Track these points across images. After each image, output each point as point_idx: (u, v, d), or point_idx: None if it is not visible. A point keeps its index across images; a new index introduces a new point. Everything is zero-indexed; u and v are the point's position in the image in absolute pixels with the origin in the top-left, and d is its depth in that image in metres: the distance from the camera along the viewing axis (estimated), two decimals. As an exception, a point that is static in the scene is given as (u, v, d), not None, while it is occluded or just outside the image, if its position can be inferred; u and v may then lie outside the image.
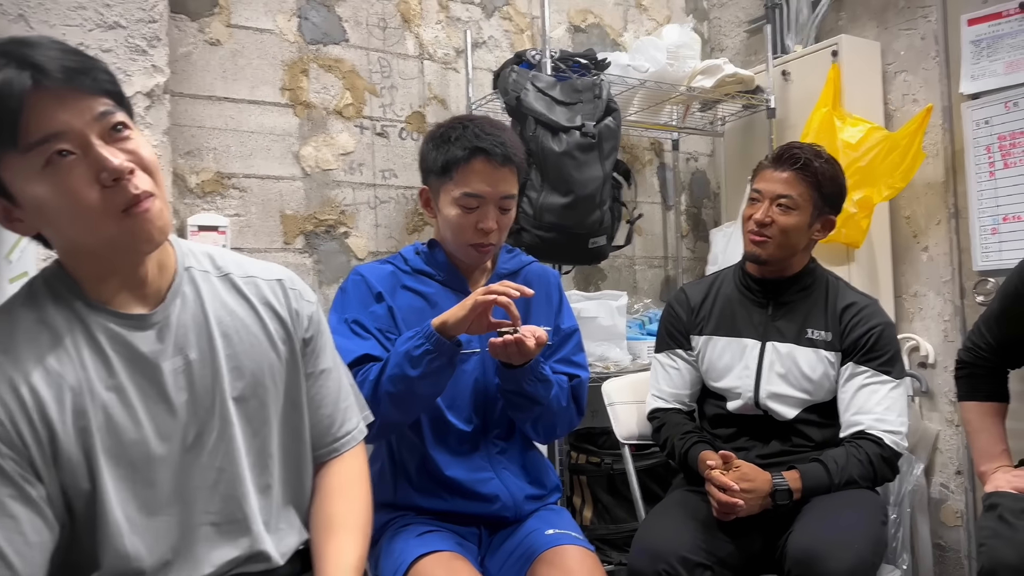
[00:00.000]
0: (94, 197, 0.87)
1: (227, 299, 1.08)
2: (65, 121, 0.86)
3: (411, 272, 1.54)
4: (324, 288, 2.45)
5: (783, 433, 1.78)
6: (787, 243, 1.77)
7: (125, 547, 0.94)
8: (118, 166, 0.87)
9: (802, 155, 1.77)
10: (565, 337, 1.62)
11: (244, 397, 1.06)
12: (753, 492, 1.57)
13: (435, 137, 1.50)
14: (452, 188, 1.46)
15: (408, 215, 2.62)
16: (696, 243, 3.35)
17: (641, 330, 2.76)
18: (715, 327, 1.89)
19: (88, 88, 0.87)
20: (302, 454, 1.14)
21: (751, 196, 1.82)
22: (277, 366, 1.10)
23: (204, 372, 1.03)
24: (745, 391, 1.80)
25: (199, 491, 1.01)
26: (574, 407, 1.57)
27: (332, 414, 1.18)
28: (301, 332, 1.14)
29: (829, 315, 1.79)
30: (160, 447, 0.98)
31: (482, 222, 1.45)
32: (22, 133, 0.84)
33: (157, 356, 0.99)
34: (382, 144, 2.58)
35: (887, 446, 1.67)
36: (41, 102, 0.84)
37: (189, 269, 1.06)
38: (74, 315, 0.95)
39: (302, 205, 2.42)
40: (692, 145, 3.35)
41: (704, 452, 1.71)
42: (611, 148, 2.31)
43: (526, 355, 1.37)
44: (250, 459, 1.06)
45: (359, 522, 1.13)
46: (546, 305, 1.61)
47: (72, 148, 0.86)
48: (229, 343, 1.05)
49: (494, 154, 1.43)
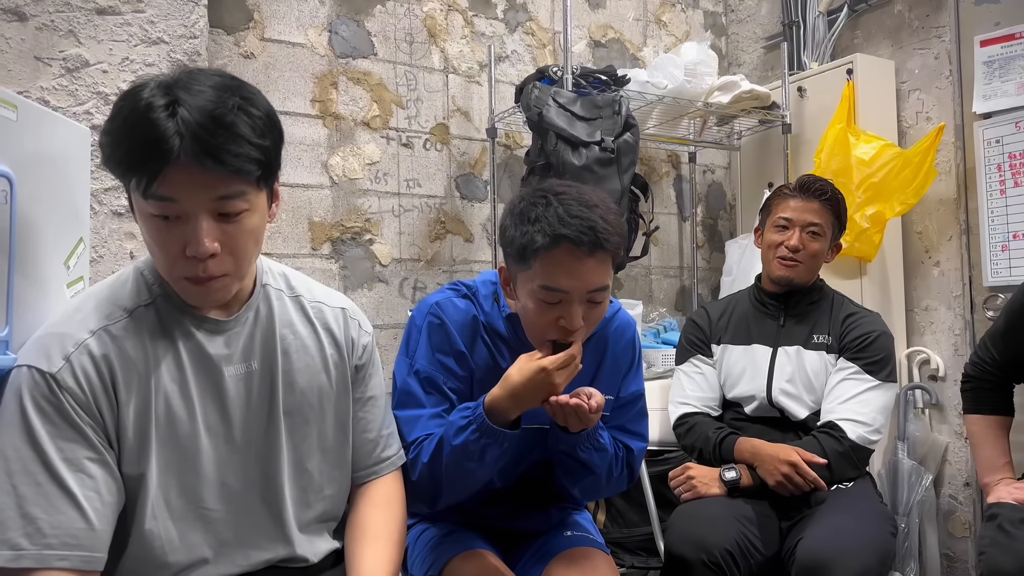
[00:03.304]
0: (174, 255, 0.96)
1: (294, 319, 1.16)
2: (187, 195, 0.92)
3: (487, 326, 1.37)
4: (349, 293, 2.53)
5: (798, 433, 1.86)
6: (814, 267, 1.92)
7: (159, 530, 1.00)
8: (201, 252, 0.94)
9: (827, 187, 1.91)
10: (628, 403, 1.46)
11: (291, 411, 1.12)
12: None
13: (515, 212, 1.26)
14: (531, 277, 1.23)
15: (431, 223, 2.70)
16: (712, 254, 3.41)
17: (656, 339, 2.82)
18: (731, 337, 1.99)
19: (227, 168, 0.92)
20: (343, 473, 1.19)
21: (779, 223, 1.90)
22: (327, 389, 1.17)
23: (262, 382, 1.10)
24: (759, 392, 1.89)
25: (243, 492, 1.08)
26: (627, 475, 1.45)
27: (376, 439, 1.23)
28: (355, 359, 1.21)
29: (833, 322, 1.90)
30: (209, 443, 1.05)
31: (565, 319, 1.23)
32: (149, 183, 0.92)
33: (222, 361, 1.07)
34: (407, 154, 2.66)
35: (850, 440, 1.75)
36: (177, 168, 0.90)
37: (266, 286, 1.15)
38: (156, 312, 1.04)
39: (329, 212, 2.51)
40: (709, 158, 3.41)
41: (742, 439, 1.80)
42: (629, 162, 2.38)
43: (585, 423, 1.26)
44: (290, 469, 1.12)
45: (395, 534, 1.17)
46: (612, 370, 1.44)
47: (179, 216, 0.94)
48: (288, 359, 1.13)
49: (581, 242, 1.18)
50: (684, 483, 1.79)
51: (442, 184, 2.74)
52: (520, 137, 2.87)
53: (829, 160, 2.61)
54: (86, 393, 0.96)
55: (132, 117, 0.90)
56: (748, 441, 1.80)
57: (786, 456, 1.70)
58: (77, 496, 0.93)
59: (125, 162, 0.92)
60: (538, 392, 1.22)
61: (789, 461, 1.69)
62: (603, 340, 1.42)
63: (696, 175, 3.32)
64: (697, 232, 3.33)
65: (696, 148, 3.24)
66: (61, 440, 0.94)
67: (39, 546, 0.90)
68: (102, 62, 1.88)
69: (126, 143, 0.91)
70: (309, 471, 1.15)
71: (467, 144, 2.80)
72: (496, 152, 2.75)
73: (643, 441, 1.47)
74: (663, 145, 3.18)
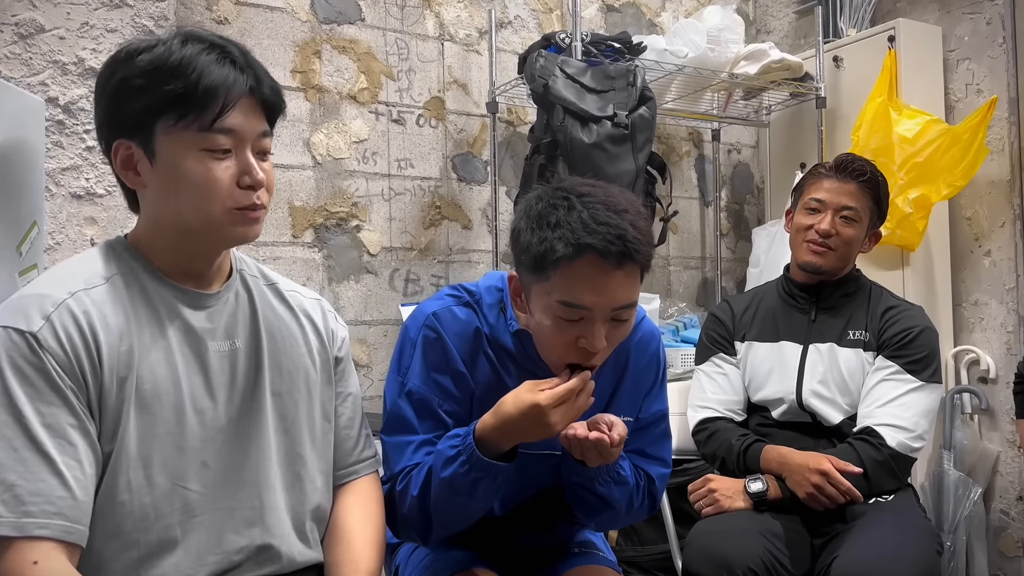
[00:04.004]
0: (227, 189, 1.07)
1: (273, 303, 1.22)
2: (246, 128, 1.07)
3: (492, 340, 1.34)
4: (334, 286, 2.54)
5: (832, 440, 1.85)
6: (847, 255, 1.89)
7: (132, 506, 1.02)
8: (260, 179, 1.08)
9: (867, 167, 1.89)
10: (649, 424, 1.43)
11: (280, 393, 1.17)
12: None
13: (531, 215, 1.21)
14: (548, 291, 1.19)
15: (424, 208, 2.70)
16: (737, 243, 3.40)
17: (675, 336, 2.82)
18: (757, 333, 1.98)
19: (271, 108, 1.11)
20: (327, 466, 1.24)
21: (810, 206, 1.89)
22: (312, 374, 1.22)
23: (247, 361, 1.15)
24: (787, 394, 1.88)
25: (224, 473, 1.10)
26: (648, 505, 1.42)
27: (357, 436, 1.28)
28: (335, 350, 1.27)
29: (870, 317, 1.89)
30: (194, 418, 1.08)
31: (586, 338, 1.19)
32: (215, 120, 1.03)
33: (206, 334, 1.11)
34: (398, 131, 2.66)
35: (890, 448, 1.74)
36: (242, 105, 1.06)
37: (242, 272, 1.21)
38: (136, 281, 1.08)
39: (312, 196, 2.51)
40: (734, 136, 3.39)
41: (769, 446, 1.80)
42: (645, 140, 2.37)
43: (606, 458, 1.23)
44: (279, 454, 1.16)
45: (374, 537, 1.21)
46: (633, 389, 1.41)
47: (235, 149, 1.07)
48: (272, 340, 1.18)
49: (608, 253, 1.14)
50: (705, 496, 1.79)
51: (437, 164, 2.73)
52: (524, 112, 2.86)
53: (868, 138, 2.60)
54: (68, 355, 0.98)
55: (186, 53, 1.03)
56: (775, 449, 1.79)
57: (817, 465, 1.70)
58: (58, 463, 0.95)
59: (185, 96, 1.02)
60: (533, 429, 1.19)
61: (821, 470, 1.69)
62: (624, 354, 1.38)
63: (720, 155, 3.31)
64: (721, 218, 3.32)
65: (720, 124, 3.23)
66: (42, 404, 0.96)
67: (17, 514, 0.92)
68: (59, 27, 1.88)
69: (184, 77, 1.02)
70: (302, 456, 1.18)
71: (465, 120, 2.79)
72: (497, 129, 2.74)
73: (666, 467, 1.44)
74: (683, 121, 3.16)
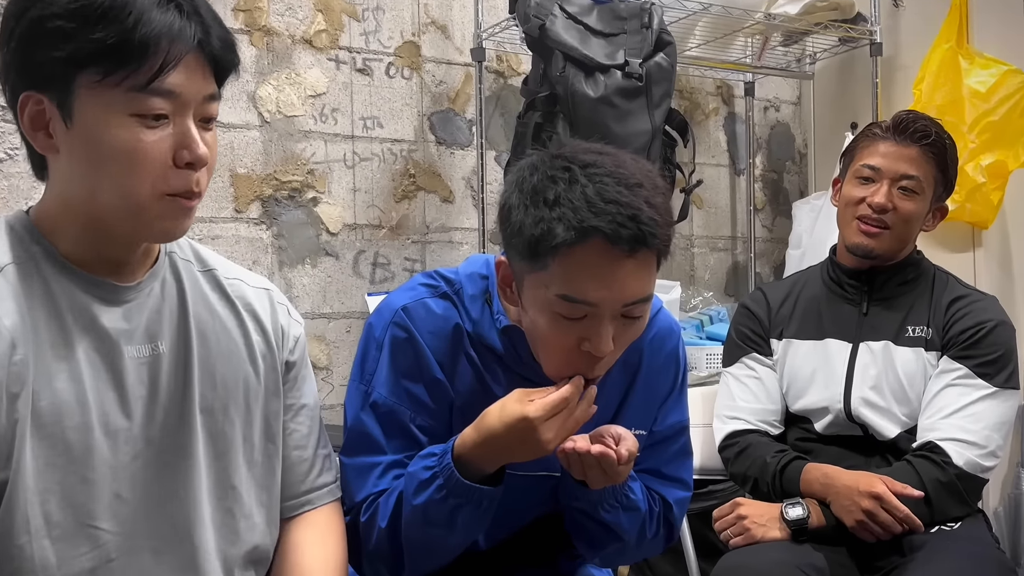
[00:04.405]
0: (159, 166, 1.02)
1: (209, 296, 1.18)
2: (189, 90, 1.02)
3: (476, 338, 1.33)
4: (286, 271, 2.53)
5: (887, 457, 1.85)
6: (906, 235, 1.89)
7: (32, 551, 1.00)
8: (202, 154, 1.04)
9: (931, 128, 1.87)
10: (665, 439, 1.43)
11: (212, 409, 1.14)
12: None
13: (524, 188, 1.20)
14: (544, 282, 1.17)
15: (396, 177, 2.69)
16: (775, 219, 3.40)
17: (699, 332, 2.82)
18: (797, 329, 1.98)
19: (221, 66, 1.06)
20: (271, 498, 1.21)
21: (863, 174, 1.89)
22: (254, 384, 1.19)
23: (173, 370, 1.11)
24: (833, 403, 1.88)
25: (144, 509, 1.09)
26: (664, 535, 1.42)
27: (311, 459, 1.26)
28: (285, 352, 1.24)
29: (934, 309, 1.89)
30: (104, 442, 1.06)
31: (591, 341, 1.18)
32: (152, 79, 0.99)
33: (120, 337, 1.07)
34: (363, 83, 2.64)
35: (956, 467, 1.74)
36: (187, 62, 1.02)
37: (172, 255, 1.17)
38: (36, 271, 1.05)
39: (258, 162, 2.50)
40: (771, 90, 3.38)
41: (811, 465, 1.80)
42: (663, 94, 2.36)
43: (612, 478, 1.23)
44: (209, 484, 1.13)
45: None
46: (646, 396, 1.41)
47: (173, 115, 1.02)
48: (205, 344, 1.15)
49: (618, 238, 1.12)
50: (733, 524, 1.79)
51: (411, 124, 2.72)
52: (516, 60, 2.86)
53: (933, 92, 2.59)
54: None
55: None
56: (819, 468, 1.79)
57: (869, 487, 1.70)
58: None
59: (117, 48, 0.97)
60: (521, 447, 1.19)
61: (873, 494, 1.69)
62: (635, 354, 1.37)
63: (754, 113, 3.30)
64: (755, 190, 3.32)
65: (755, 76, 3.22)
66: None
67: None
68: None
69: (117, 23, 0.97)
70: (236, 489, 1.16)
71: (445, 70, 2.78)
72: (484, 81, 2.73)
73: (686, 490, 1.44)
74: (709, 72, 3.15)
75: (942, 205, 1.95)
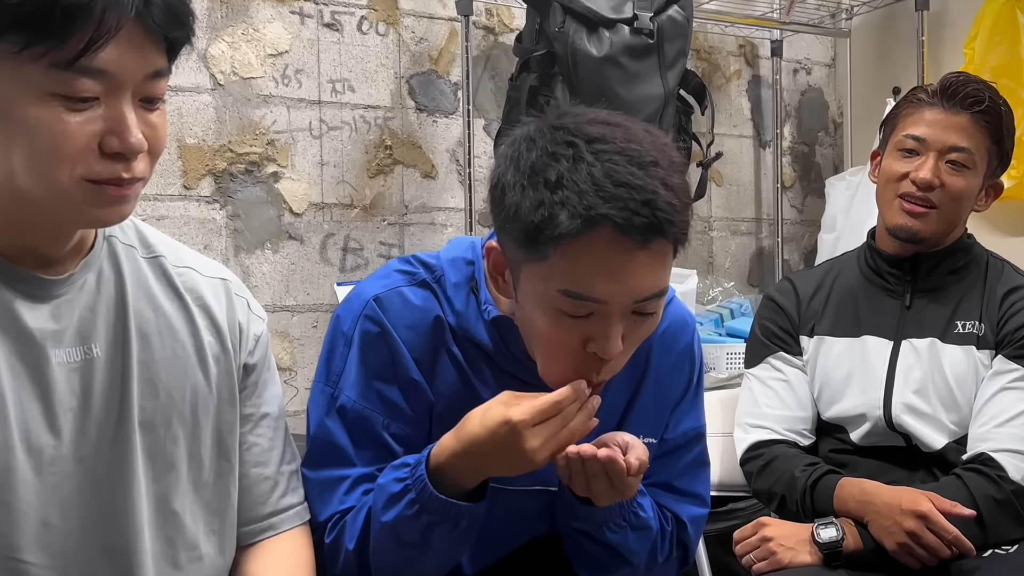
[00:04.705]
0: (80, 152, 0.99)
1: (153, 289, 1.16)
2: (125, 69, 0.98)
3: (461, 333, 1.34)
4: (243, 257, 2.53)
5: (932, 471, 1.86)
6: (955, 215, 1.89)
7: None
8: (134, 144, 1.00)
9: (984, 93, 1.87)
10: (679, 448, 1.44)
11: (152, 423, 1.12)
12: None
13: (521, 165, 1.19)
14: (545, 275, 1.17)
15: (370, 149, 2.69)
16: (806, 198, 3.40)
17: (718, 328, 2.83)
18: (831, 325, 1.98)
19: (171, 40, 1.02)
20: (224, 524, 1.20)
21: (906, 146, 1.89)
22: (204, 393, 1.18)
23: (108, 377, 1.10)
24: (872, 409, 1.89)
25: (76, 538, 1.08)
26: (677, 559, 1.44)
27: (274, 477, 1.25)
28: (243, 354, 1.23)
29: (987, 302, 1.90)
30: (28, 462, 1.04)
31: (597, 342, 1.18)
32: (77, 56, 0.94)
33: (47, 340, 1.05)
34: (332, 40, 2.64)
35: (1013, 482, 1.75)
36: (125, 36, 0.97)
37: (111, 239, 1.15)
38: None
39: (211, 131, 2.49)
40: (802, 49, 3.38)
41: (846, 479, 1.80)
42: (677, 53, 2.36)
43: (620, 492, 1.23)
44: (150, 509, 1.12)
45: None
46: (657, 399, 1.42)
47: (105, 97, 0.98)
48: (147, 346, 1.13)
49: (631, 227, 1.12)
50: (758, 547, 1.79)
51: (387, 88, 2.72)
52: (509, 14, 2.86)
53: (987, 52, 2.60)
54: None
55: None
56: (855, 483, 1.80)
57: (913, 505, 1.71)
58: None
59: (35, 17, 0.93)
60: (505, 458, 1.19)
61: (918, 513, 1.70)
62: (643, 352, 1.36)
63: (782, 76, 3.30)
64: (783, 164, 3.32)
65: (783, 34, 3.21)
66: None
67: None
68: None
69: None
70: (178, 515, 1.15)
71: (426, 26, 2.78)
72: (471, 38, 2.72)
73: (702, 506, 1.46)
74: (731, 28, 3.16)
75: (996, 182, 1.96)
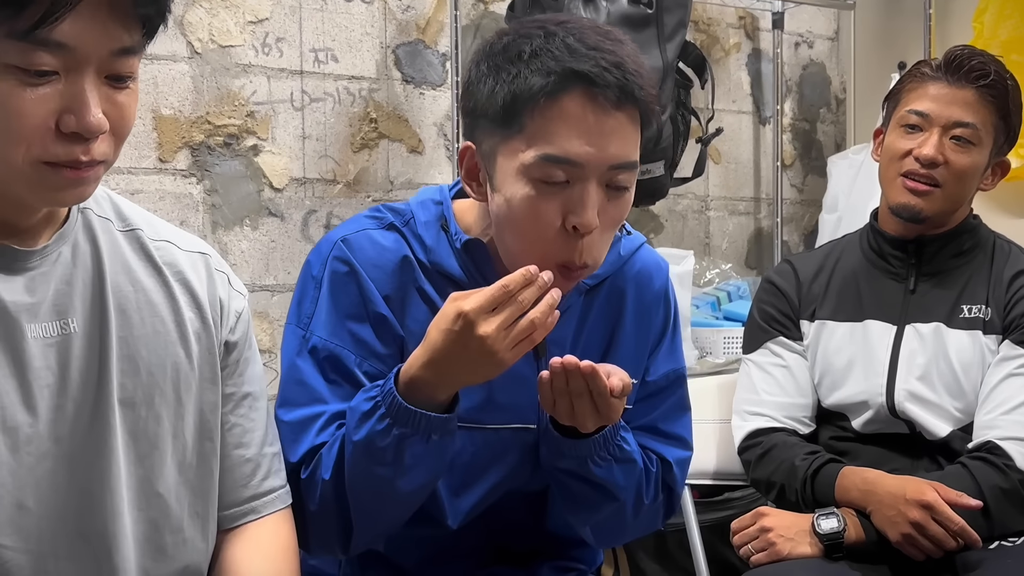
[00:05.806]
0: (36, 131, 0.97)
1: (131, 262, 1.16)
2: (88, 44, 0.96)
3: (431, 267, 1.38)
4: (221, 234, 2.51)
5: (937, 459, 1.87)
6: (959, 194, 1.89)
7: None
8: (92, 124, 0.98)
9: (990, 66, 1.87)
10: (660, 390, 1.49)
11: (133, 401, 1.12)
12: None
13: (492, 54, 1.28)
14: (522, 147, 1.24)
15: (354, 121, 2.67)
16: (807, 177, 3.40)
17: (715, 311, 2.83)
18: (832, 309, 1.99)
19: (142, 12, 0.99)
20: (206, 505, 1.20)
21: (909, 121, 1.90)
22: (186, 370, 1.17)
23: (86, 353, 1.09)
24: (874, 396, 1.90)
25: (53, 518, 1.07)
26: (663, 503, 1.47)
27: (256, 459, 1.25)
28: (225, 331, 1.23)
29: (994, 285, 1.90)
30: (3, 441, 1.04)
31: (575, 213, 1.24)
32: (35, 26, 0.92)
33: (22, 313, 1.05)
34: (315, 7, 2.62)
35: (1020, 471, 1.76)
36: (86, 7, 0.94)
37: (86, 211, 1.14)
38: None
39: (187, 102, 2.47)
40: (804, 22, 3.38)
41: (848, 468, 1.81)
42: (676, 23, 2.35)
43: (604, 415, 1.26)
44: (131, 491, 1.12)
45: None
46: (636, 339, 1.46)
47: (65, 72, 0.97)
48: (126, 321, 1.13)
49: (605, 83, 1.21)
50: (756, 538, 1.80)
51: (372, 58, 2.70)
52: (500, -18, 2.83)
53: (996, 26, 2.60)
54: None
55: None
56: (857, 473, 1.80)
57: (918, 495, 1.71)
58: None
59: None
60: (464, 355, 1.21)
61: (922, 502, 1.70)
62: (617, 291, 1.44)
63: (783, 49, 3.29)
64: (783, 142, 3.31)
65: (784, 5, 3.21)
66: None
67: None
68: None
69: None
70: (162, 496, 1.15)
71: (413, -7, 2.76)
72: (461, 6, 2.70)
73: (686, 448, 1.49)
74: (731, 0, 3.15)
75: (1003, 160, 1.96)
